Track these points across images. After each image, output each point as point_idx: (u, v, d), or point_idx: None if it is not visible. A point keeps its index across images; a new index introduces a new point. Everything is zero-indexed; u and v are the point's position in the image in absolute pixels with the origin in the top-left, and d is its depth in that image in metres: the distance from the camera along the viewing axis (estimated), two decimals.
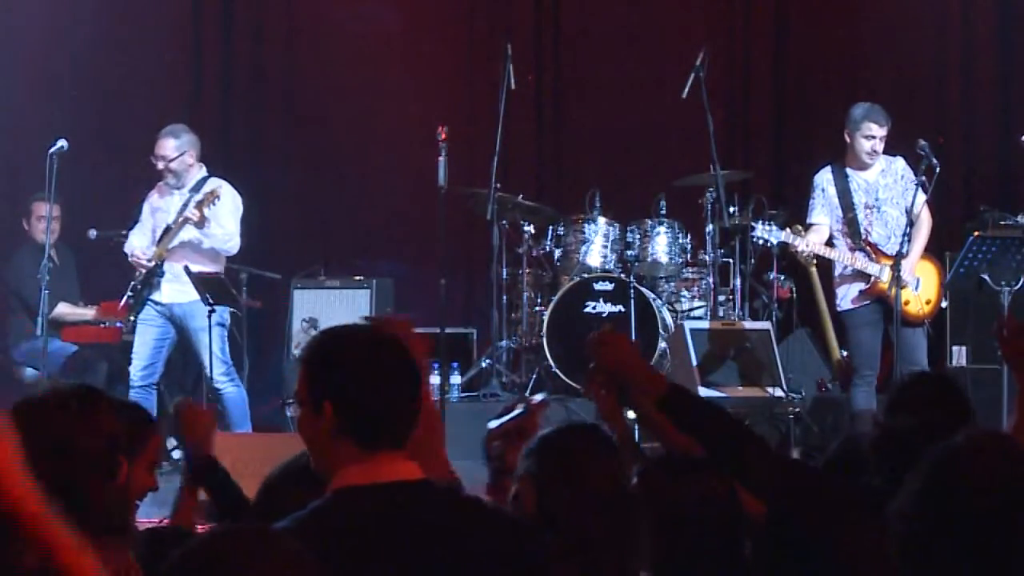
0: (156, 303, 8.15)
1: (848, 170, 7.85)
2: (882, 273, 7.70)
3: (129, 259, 8.25)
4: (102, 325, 8.95)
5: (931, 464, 2.34)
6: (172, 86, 10.49)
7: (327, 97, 10.64)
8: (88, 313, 9.02)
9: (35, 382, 8.48)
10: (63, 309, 8.91)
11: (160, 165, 8.17)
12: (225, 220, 8.12)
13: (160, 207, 8.31)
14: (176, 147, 8.16)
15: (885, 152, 7.84)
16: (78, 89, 10.23)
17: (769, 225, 8.06)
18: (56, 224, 8.74)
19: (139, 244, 8.27)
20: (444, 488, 2.68)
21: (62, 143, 8.00)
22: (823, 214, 7.89)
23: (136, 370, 8.17)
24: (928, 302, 7.82)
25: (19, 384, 8.88)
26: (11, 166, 9.94)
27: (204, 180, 8.23)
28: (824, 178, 7.89)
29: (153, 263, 8.11)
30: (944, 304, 8.04)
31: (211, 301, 8.13)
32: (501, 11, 10.76)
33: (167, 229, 8.16)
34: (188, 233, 8.09)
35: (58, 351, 8.62)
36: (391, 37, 10.55)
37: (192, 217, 7.98)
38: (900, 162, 7.83)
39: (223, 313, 8.23)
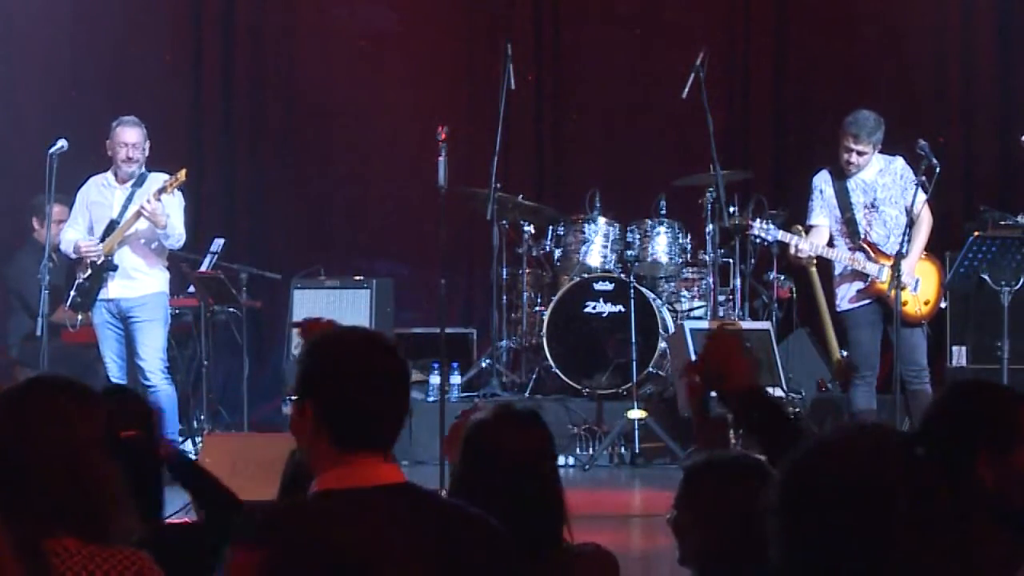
0: (104, 300, 8.09)
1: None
2: (881, 273, 7.70)
3: (76, 256, 8.13)
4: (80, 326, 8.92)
5: (790, 458, 2.31)
6: (172, 86, 10.49)
7: (327, 97, 10.64)
8: (72, 316, 8.99)
9: None
10: (62, 315, 8.89)
11: (133, 155, 8.08)
12: (175, 215, 8.08)
13: (98, 201, 8.19)
14: (142, 135, 8.14)
15: (885, 152, 7.83)
16: (78, 89, 10.23)
17: (766, 223, 8.05)
18: (63, 226, 8.72)
19: (75, 237, 8.17)
20: (423, 492, 2.66)
21: (62, 143, 7.99)
22: (822, 216, 7.88)
23: (114, 372, 8.15)
24: (927, 303, 7.81)
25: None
26: (11, 166, 9.93)
27: (145, 175, 8.18)
28: (822, 179, 7.88)
29: (101, 259, 8.04)
30: (943, 305, 8.02)
31: (212, 301, 8.13)
32: (501, 11, 10.76)
33: (111, 224, 8.10)
34: (140, 226, 8.04)
35: (58, 351, 8.61)
36: (391, 37, 10.55)
37: (146, 208, 7.89)
38: (899, 162, 7.82)
39: (167, 307, 8.21)
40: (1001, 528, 2.94)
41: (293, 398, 2.63)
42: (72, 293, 8.14)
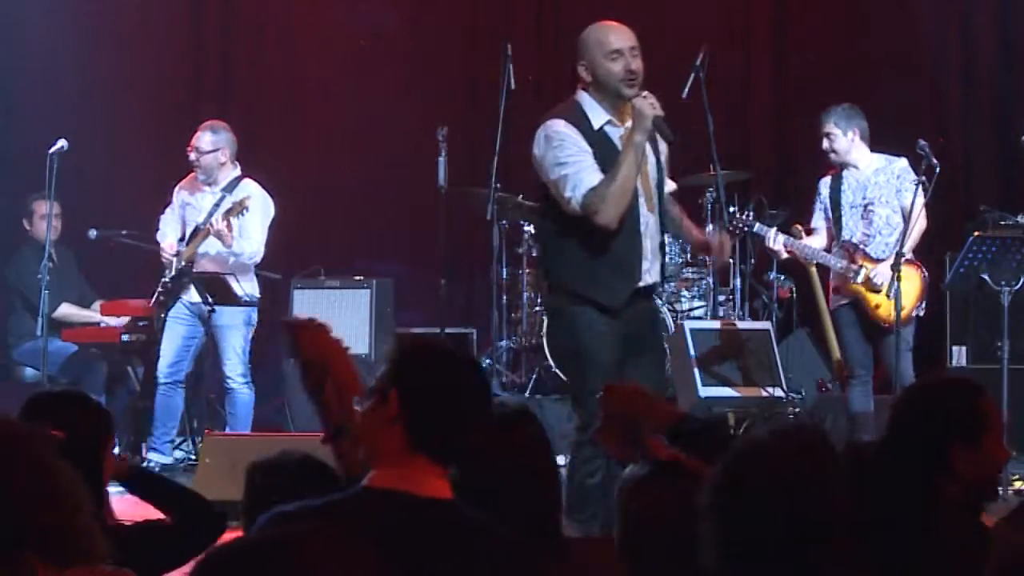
0: (187, 302, 8.22)
1: (846, 171, 7.84)
2: (857, 275, 7.69)
3: (161, 249, 8.26)
4: (101, 325, 8.94)
5: (723, 461, 2.33)
6: (172, 86, 10.49)
7: (327, 97, 10.64)
8: (93, 315, 9.02)
9: (35, 382, 8.49)
10: (67, 310, 8.91)
11: (192, 156, 8.23)
12: (253, 230, 8.20)
13: (191, 203, 8.34)
14: (212, 142, 8.22)
15: (891, 152, 7.82)
16: (78, 89, 10.23)
17: (748, 214, 8.08)
18: (57, 222, 8.77)
19: (171, 236, 8.30)
20: (470, 515, 2.65)
21: (62, 143, 8.01)
22: (820, 218, 7.91)
23: (163, 367, 8.23)
24: (901, 308, 7.75)
25: (19, 384, 8.88)
26: (11, 166, 9.94)
27: (237, 181, 8.28)
28: (823, 182, 7.91)
29: (183, 264, 8.16)
30: (920, 313, 7.89)
31: (211, 301, 8.15)
32: (501, 11, 10.76)
33: (196, 230, 8.20)
34: (214, 244, 8.12)
35: (58, 351, 8.62)
36: (391, 37, 10.55)
37: (221, 228, 7.96)
38: (901, 163, 7.78)
39: (251, 313, 8.31)
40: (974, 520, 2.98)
41: (364, 398, 2.64)
42: (158, 290, 8.25)
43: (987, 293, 7.86)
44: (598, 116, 5.55)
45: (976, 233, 7.89)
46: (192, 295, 8.22)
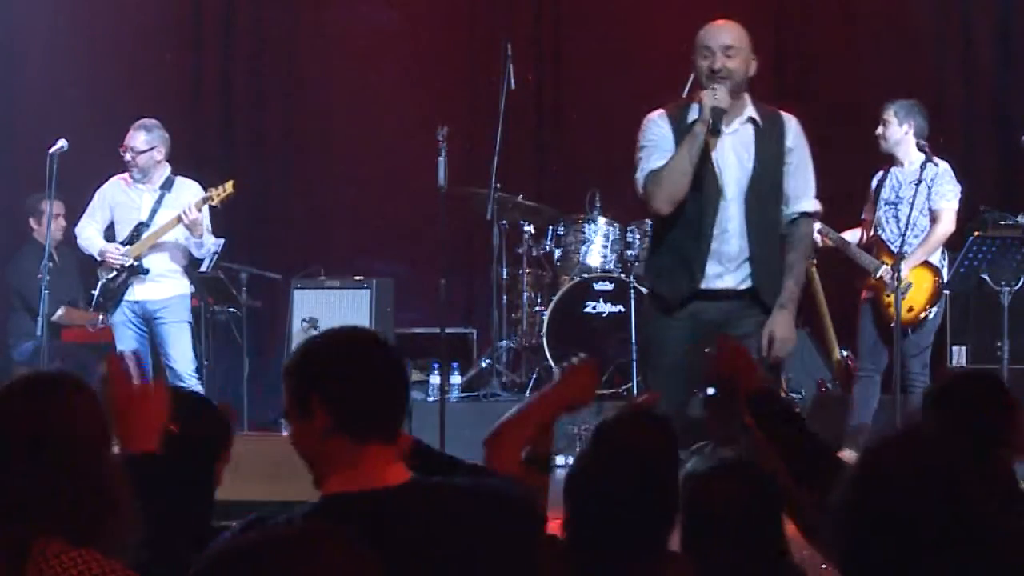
0: (129, 301, 8.09)
1: (894, 167, 7.88)
2: (878, 271, 7.72)
3: (99, 257, 8.14)
4: (102, 327, 8.94)
5: (861, 457, 2.33)
6: (172, 86, 10.49)
7: (327, 97, 10.65)
8: (90, 317, 9.00)
9: None
10: (64, 313, 8.90)
11: (127, 156, 8.12)
12: (208, 224, 8.12)
13: (123, 202, 8.21)
14: (146, 141, 8.12)
15: (939, 156, 7.83)
16: (78, 89, 10.23)
17: None
18: (62, 220, 8.77)
19: (97, 238, 8.19)
20: (431, 486, 2.65)
21: (62, 143, 8.00)
22: (866, 211, 7.99)
23: None
24: (910, 310, 7.76)
25: None
26: (11, 166, 9.94)
27: (172, 179, 8.20)
28: (875, 176, 7.97)
29: (130, 262, 8.04)
30: (930, 315, 7.91)
31: (213, 301, 8.13)
32: (501, 11, 10.76)
33: (139, 226, 8.10)
34: (176, 233, 8.05)
35: (58, 351, 8.62)
36: (391, 37, 10.55)
37: (196, 217, 7.92)
38: (939, 167, 7.77)
39: (189, 309, 8.22)
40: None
41: (283, 419, 2.62)
42: (95, 294, 8.15)
43: (987, 293, 7.86)
44: (695, 109, 5.65)
45: (976, 233, 7.90)
46: (134, 293, 8.06)
